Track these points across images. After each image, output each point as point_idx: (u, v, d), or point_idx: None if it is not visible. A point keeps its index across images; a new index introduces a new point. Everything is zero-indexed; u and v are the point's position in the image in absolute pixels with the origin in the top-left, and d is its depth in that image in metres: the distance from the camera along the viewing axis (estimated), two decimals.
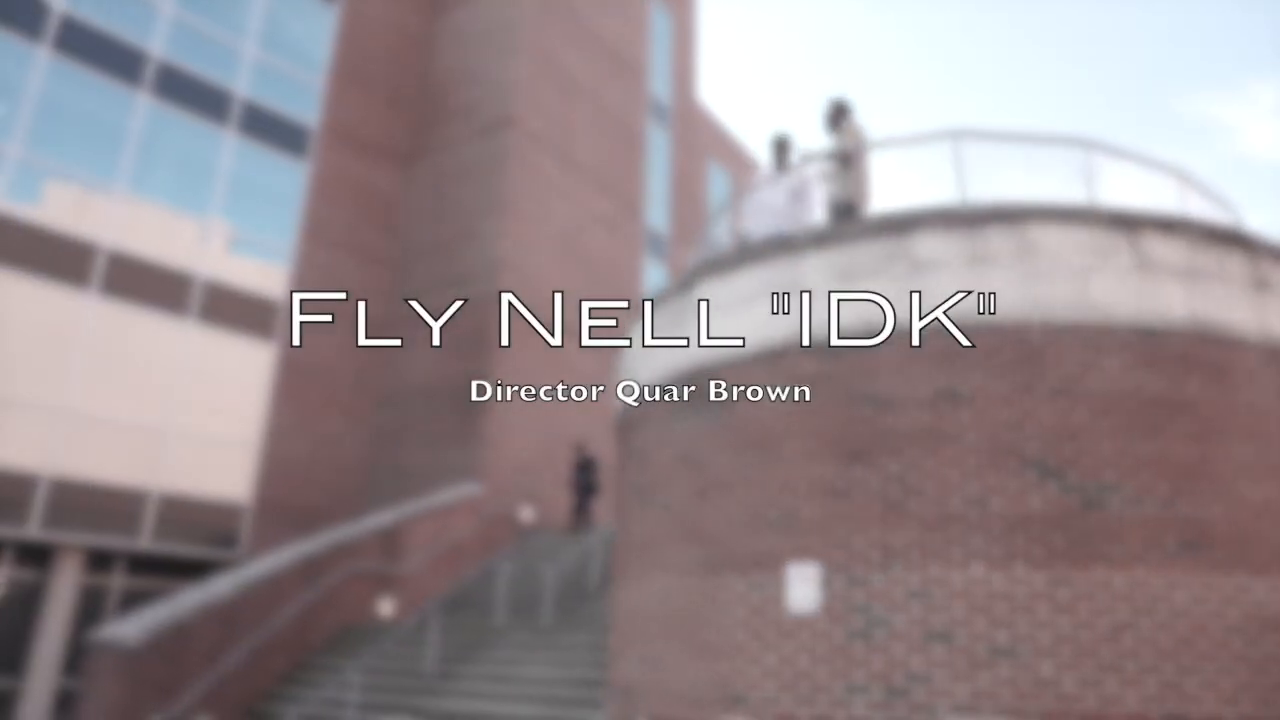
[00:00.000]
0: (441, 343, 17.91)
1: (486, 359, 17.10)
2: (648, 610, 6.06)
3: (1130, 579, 4.73)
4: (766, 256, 5.94)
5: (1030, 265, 5.29)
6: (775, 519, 5.35)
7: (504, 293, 17.42)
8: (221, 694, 10.99)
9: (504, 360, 17.17)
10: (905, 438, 5.12)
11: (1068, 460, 4.91)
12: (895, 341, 5.32)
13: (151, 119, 16.09)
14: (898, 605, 4.87)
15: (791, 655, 5.06)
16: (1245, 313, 5.47)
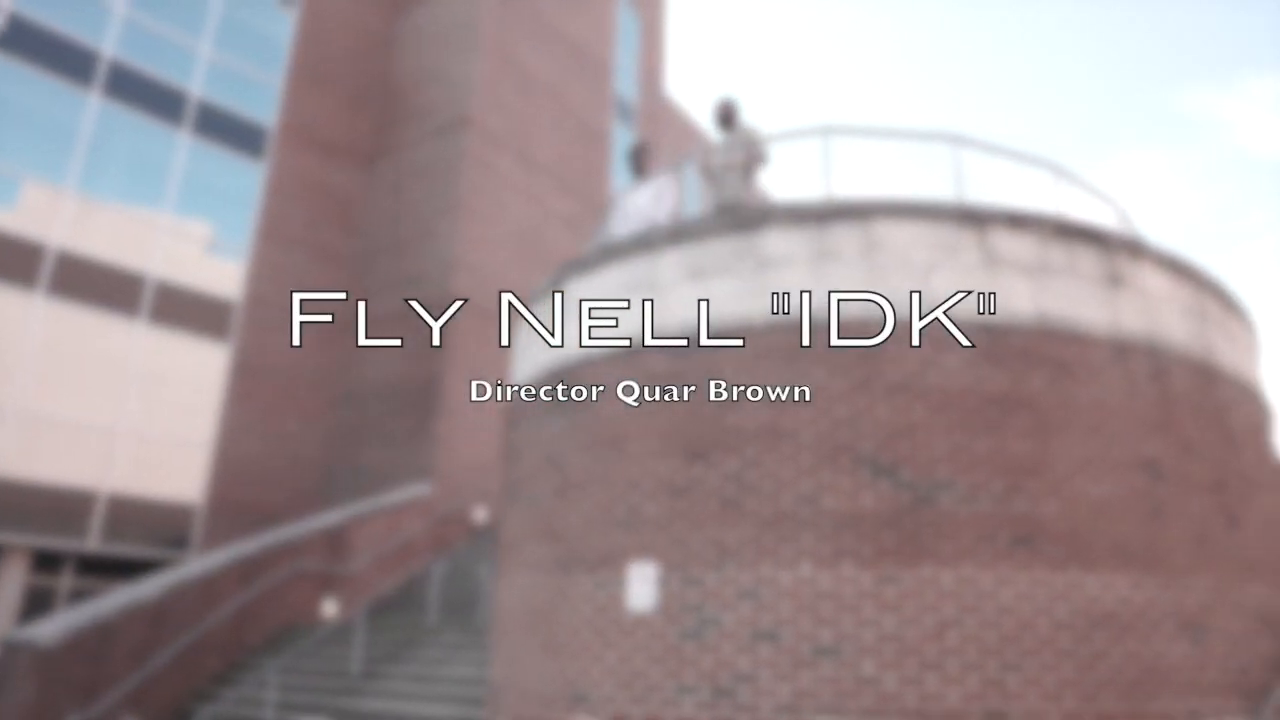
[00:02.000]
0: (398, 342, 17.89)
1: (442, 359, 17.08)
2: (512, 608, 6.05)
3: (959, 576, 4.70)
4: (627, 254, 5.91)
5: (875, 262, 5.27)
6: (621, 518, 5.33)
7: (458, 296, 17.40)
8: (149, 694, 10.98)
9: (459, 360, 17.15)
10: (745, 436, 5.10)
11: (902, 457, 4.89)
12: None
13: (103, 119, 16.08)
14: (728, 605, 4.84)
15: (629, 654, 5.04)
16: (1096, 308, 5.44)
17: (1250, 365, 6.58)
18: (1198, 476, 5.41)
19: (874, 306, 5.16)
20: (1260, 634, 5.35)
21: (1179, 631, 4.94)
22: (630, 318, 5.74)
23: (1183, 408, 5.52)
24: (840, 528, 4.80)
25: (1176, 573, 5.06)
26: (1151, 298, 5.71)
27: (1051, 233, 5.50)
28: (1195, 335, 5.88)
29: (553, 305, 6.45)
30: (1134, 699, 4.69)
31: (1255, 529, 5.69)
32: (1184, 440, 5.43)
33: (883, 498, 4.83)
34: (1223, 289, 6.39)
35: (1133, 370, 5.39)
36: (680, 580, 5.00)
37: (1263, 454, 6.20)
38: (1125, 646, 4.76)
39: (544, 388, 6.27)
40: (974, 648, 4.59)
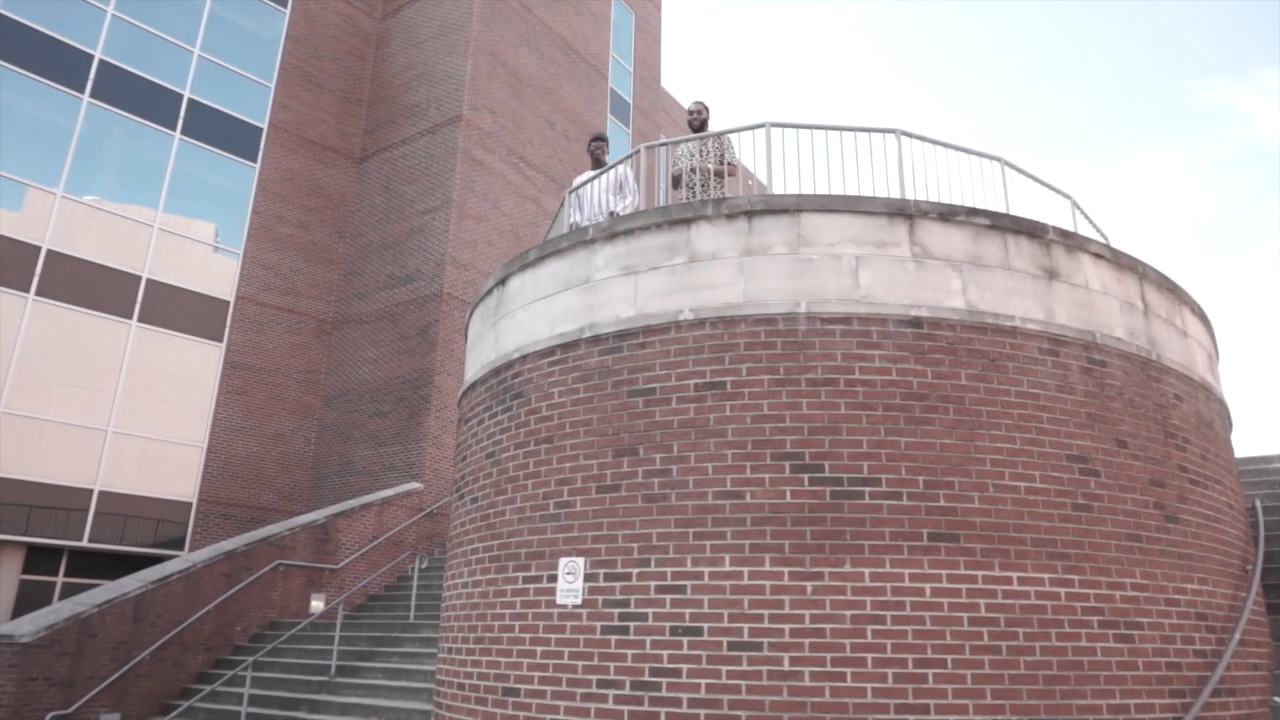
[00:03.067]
0: (387, 341, 17.99)
1: (432, 357, 17.16)
2: (454, 604, 6.09)
3: (878, 572, 4.69)
4: (564, 251, 5.93)
5: (804, 256, 5.26)
6: (553, 513, 5.36)
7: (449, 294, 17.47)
8: (131, 690, 11.11)
9: (449, 358, 17.23)
10: (671, 432, 5.11)
11: (825, 453, 4.88)
12: (670, 334, 5.30)
13: (94, 120, 16.25)
14: (652, 600, 4.86)
15: (557, 649, 5.06)
16: (1029, 302, 5.41)
17: (1201, 361, 6.52)
18: (1133, 472, 5.37)
19: (800, 301, 5.16)
20: (1196, 630, 5.31)
21: (1106, 628, 4.91)
22: (566, 314, 5.76)
23: (1119, 402, 5.49)
24: (761, 523, 4.80)
25: (1106, 569, 5.03)
26: (1090, 291, 5.67)
27: (985, 226, 5.47)
28: (1137, 330, 5.83)
29: (496, 301, 6.48)
30: (1056, 695, 4.67)
31: (1196, 526, 5.64)
32: (1119, 435, 5.40)
33: (804, 494, 4.82)
34: (1171, 284, 6.33)
35: (1066, 364, 5.36)
36: (606, 575, 5.02)
37: (1210, 450, 6.15)
38: (1048, 643, 4.74)
39: (487, 384, 6.30)
40: (892, 643, 4.58)
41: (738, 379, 5.08)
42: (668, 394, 5.18)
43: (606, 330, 5.50)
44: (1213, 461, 6.13)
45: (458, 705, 5.63)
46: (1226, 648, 5.37)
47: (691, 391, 5.13)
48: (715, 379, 5.11)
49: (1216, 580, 5.66)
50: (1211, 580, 5.61)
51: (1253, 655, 5.80)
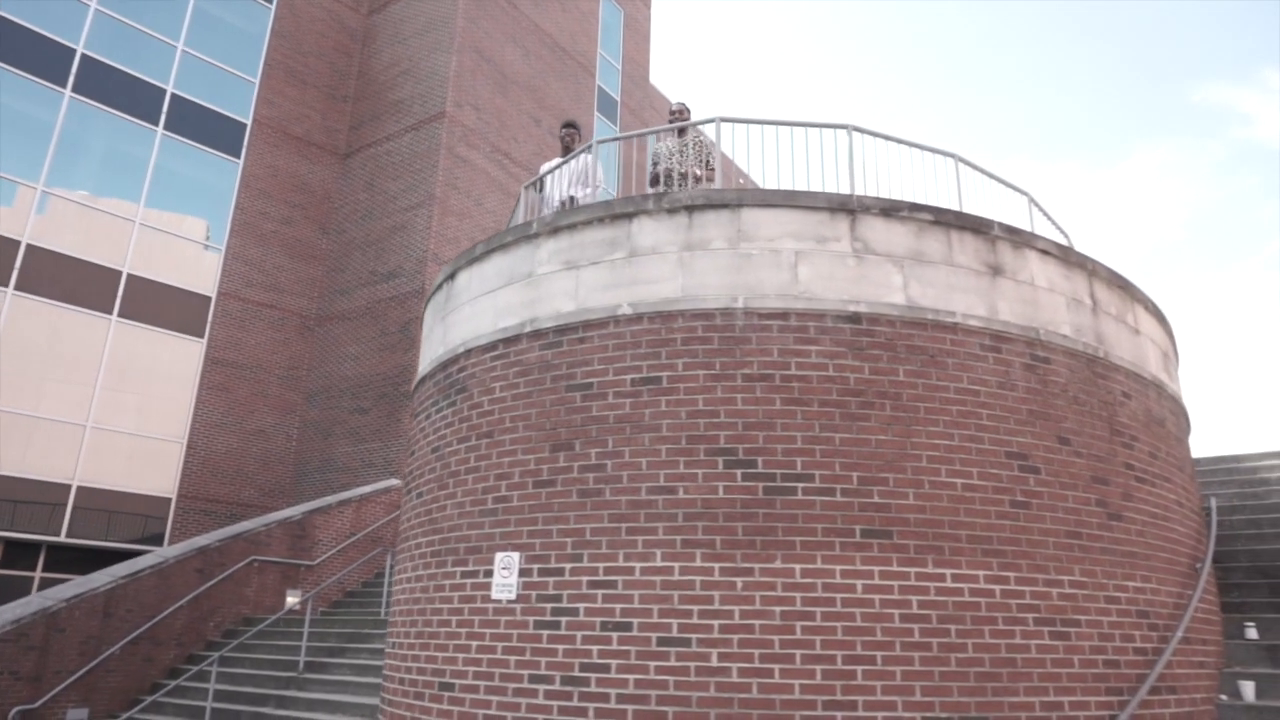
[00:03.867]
0: (369, 338, 17.97)
1: (413, 354, 17.13)
2: (400, 599, 6.07)
3: (809, 568, 4.67)
4: (509, 245, 5.91)
5: (743, 251, 5.24)
6: (490, 508, 5.33)
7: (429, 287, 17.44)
8: (100, 685, 11.08)
9: None
10: (607, 427, 5.08)
11: (759, 448, 4.86)
12: (609, 329, 5.28)
13: (75, 115, 16.22)
14: (584, 595, 4.83)
15: (491, 644, 5.04)
16: (972, 298, 5.38)
17: (1154, 359, 6.50)
18: (1075, 470, 5.35)
19: (738, 297, 5.13)
20: (1136, 627, 5.29)
21: (1042, 625, 4.89)
22: (510, 308, 5.74)
23: (1063, 399, 5.46)
24: (693, 519, 4.78)
25: (1043, 566, 5.00)
26: (1036, 288, 5.65)
27: (929, 222, 5.44)
28: (1084, 327, 5.81)
29: (445, 296, 6.46)
30: (988, 692, 4.64)
31: (1141, 523, 5.62)
32: (1061, 432, 5.37)
33: (737, 489, 4.80)
34: (1123, 281, 6.31)
35: (1008, 361, 5.34)
36: (540, 571, 5.00)
37: (1160, 448, 6.12)
38: (981, 640, 4.72)
39: (435, 379, 6.28)
40: (821, 640, 4.56)
41: (674, 374, 5.05)
42: (605, 389, 5.16)
43: (547, 325, 5.47)
44: (1162, 459, 6.10)
45: (399, 700, 5.61)
46: (1168, 645, 5.34)
47: (628, 386, 5.11)
48: (652, 374, 5.09)
49: (1161, 578, 5.64)
50: (1156, 578, 5.58)
51: (1199, 653, 5.78)
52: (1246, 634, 6.45)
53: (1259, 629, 6.51)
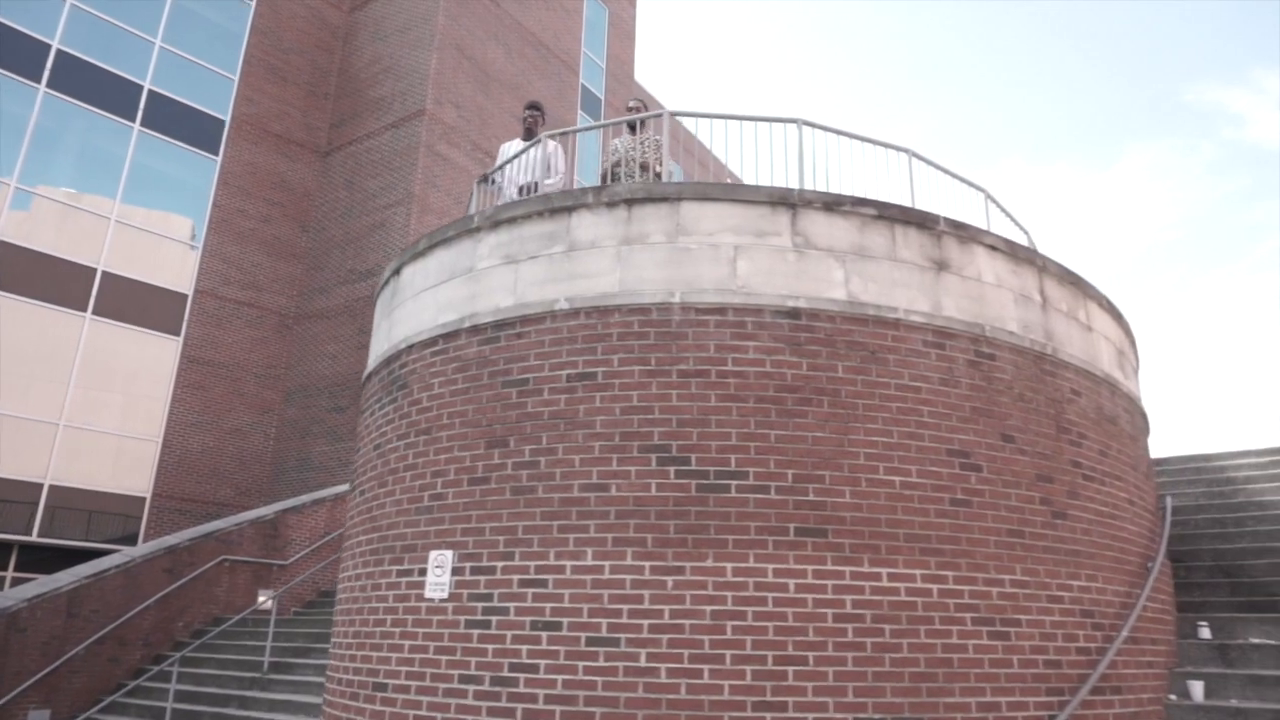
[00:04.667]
0: (347, 336, 17.88)
1: None
2: (342, 598, 5.99)
3: (742, 567, 4.60)
4: (452, 239, 5.83)
5: (681, 245, 5.17)
6: (426, 506, 5.26)
7: None
8: (63, 686, 10.97)
9: None
10: (542, 423, 5.01)
11: (693, 445, 4.79)
12: (546, 324, 5.20)
13: (50, 110, 16.10)
14: (514, 594, 4.76)
15: (423, 644, 4.96)
16: (915, 293, 5.32)
17: (1107, 356, 6.44)
18: (1019, 468, 5.29)
19: (675, 291, 5.06)
20: (1080, 627, 5.23)
21: (980, 624, 4.82)
22: (450, 304, 5.66)
23: (1008, 397, 5.40)
24: (625, 517, 4.70)
25: (983, 565, 4.94)
26: (982, 284, 5.58)
27: (872, 217, 5.38)
28: (1032, 323, 5.74)
29: (392, 291, 6.38)
30: (923, 693, 4.57)
31: (1087, 522, 5.55)
32: (1006, 430, 5.31)
33: (669, 486, 4.73)
34: (1075, 277, 6.25)
35: (952, 357, 5.27)
36: (473, 569, 4.92)
37: (1111, 446, 6.06)
38: (917, 640, 4.65)
39: (379, 375, 6.20)
40: (752, 640, 4.49)
41: (609, 370, 4.98)
42: (540, 385, 5.08)
43: (486, 320, 5.39)
44: (1113, 457, 6.04)
45: (336, 701, 5.53)
46: (1112, 645, 5.28)
47: (563, 382, 5.04)
48: (587, 370, 5.01)
49: (1109, 577, 5.58)
50: (1102, 577, 5.52)
51: (1147, 653, 5.72)
52: (1200, 633, 6.39)
53: (1212, 628, 6.45)
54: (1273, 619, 6.33)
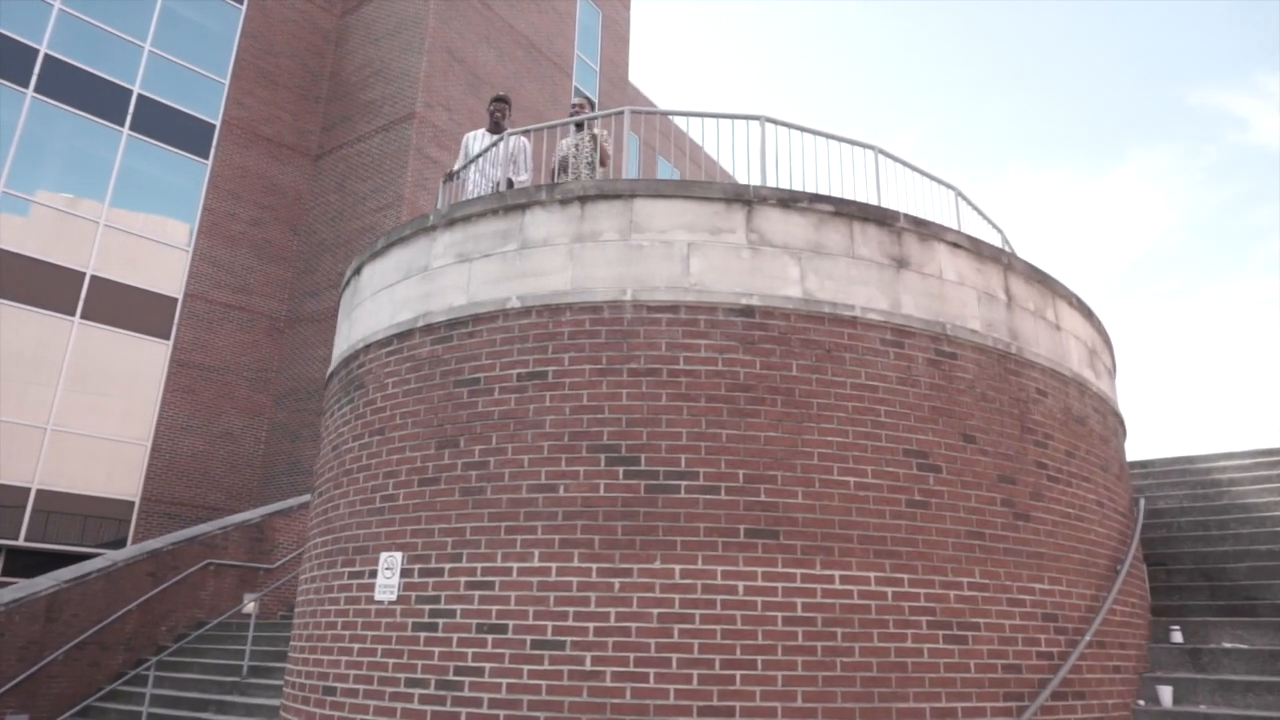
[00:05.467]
0: None
1: None
2: (300, 601, 5.92)
3: (690, 569, 4.52)
4: (408, 238, 5.77)
5: (634, 243, 5.10)
6: (378, 507, 5.19)
7: None
8: (42, 691, 10.93)
9: None
10: (492, 422, 4.94)
11: (642, 445, 4.71)
12: (498, 322, 5.14)
13: (38, 115, 16.11)
14: (461, 596, 4.69)
15: (372, 646, 4.89)
16: (873, 291, 5.24)
17: (1076, 355, 6.35)
18: (980, 468, 5.20)
19: (626, 289, 4.99)
20: (1042, 631, 5.13)
21: (936, 628, 4.73)
22: (406, 302, 5.60)
23: (969, 396, 5.31)
24: (573, 518, 4.63)
25: (940, 568, 4.85)
26: (944, 281, 5.50)
27: (829, 213, 5.30)
28: (996, 322, 5.66)
29: (352, 291, 6.32)
30: (875, 699, 4.49)
31: (1051, 524, 5.46)
32: (966, 430, 5.22)
33: (619, 487, 4.65)
34: (1042, 275, 6.16)
35: (911, 356, 5.19)
36: (421, 571, 4.85)
37: (1079, 446, 5.97)
38: (869, 644, 4.56)
39: (339, 376, 6.14)
40: (699, 644, 4.41)
41: (560, 368, 4.91)
42: (491, 384, 5.01)
43: (439, 319, 5.33)
44: (1081, 458, 5.95)
45: (291, 705, 5.47)
46: (1075, 649, 5.19)
47: (514, 381, 4.97)
48: (538, 368, 4.94)
49: (1073, 580, 5.48)
50: (1067, 580, 5.43)
51: (1114, 658, 5.62)
52: (1172, 637, 6.29)
53: (1185, 632, 6.35)
54: (1247, 623, 6.23)
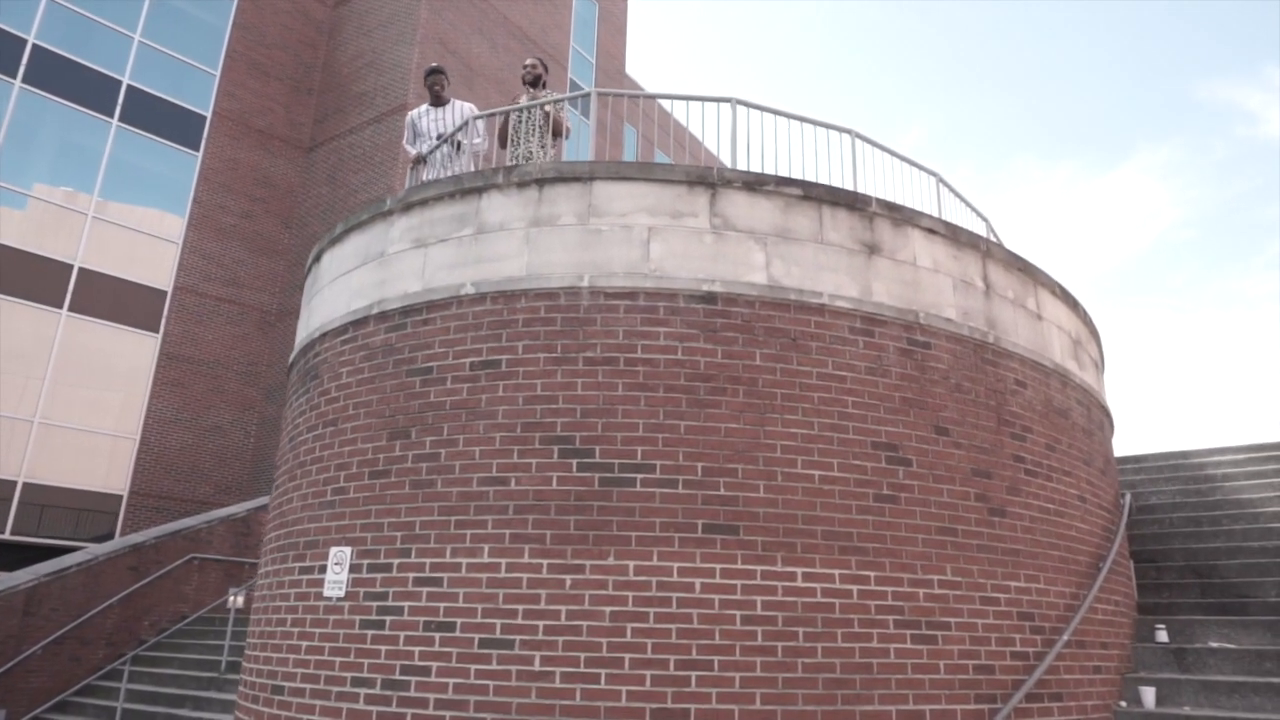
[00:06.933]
0: None
1: None
2: (255, 598, 5.76)
3: (644, 566, 4.34)
4: (365, 223, 5.60)
5: (593, 227, 4.91)
6: (329, 500, 5.02)
7: None
8: (20, 686, 10.81)
9: None
10: (444, 413, 4.76)
11: (596, 437, 4.53)
12: (452, 310, 4.96)
13: (26, 106, 15.98)
14: (409, 592, 4.52)
15: (319, 644, 4.72)
16: (843, 278, 5.04)
17: (1059, 346, 6.15)
18: (953, 462, 5.01)
19: (584, 275, 4.81)
20: (1017, 630, 4.94)
21: (904, 628, 4.55)
22: (361, 290, 5.42)
23: (943, 387, 5.12)
24: (524, 512, 4.45)
25: (909, 565, 4.66)
26: (918, 268, 5.30)
27: (797, 197, 5.11)
28: (973, 310, 5.46)
29: (313, 279, 6.15)
30: (838, 701, 4.31)
31: (1029, 519, 5.27)
32: (939, 422, 5.03)
33: (571, 480, 4.47)
34: (1023, 263, 5.96)
35: (882, 345, 5.00)
36: (370, 566, 4.68)
37: (1060, 440, 5.77)
38: (833, 644, 4.38)
39: (297, 366, 5.98)
40: (653, 643, 4.23)
41: (513, 357, 4.73)
42: (444, 373, 4.84)
43: (394, 306, 5.16)
44: (1062, 452, 5.75)
45: (243, 704, 5.31)
46: (1052, 649, 4.99)
47: (467, 370, 4.79)
48: (491, 357, 4.77)
49: (1052, 577, 5.29)
50: (1045, 577, 5.24)
51: (1095, 658, 5.43)
52: (1157, 636, 6.09)
53: (1170, 631, 6.15)
54: (1234, 621, 6.02)
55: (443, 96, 6.95)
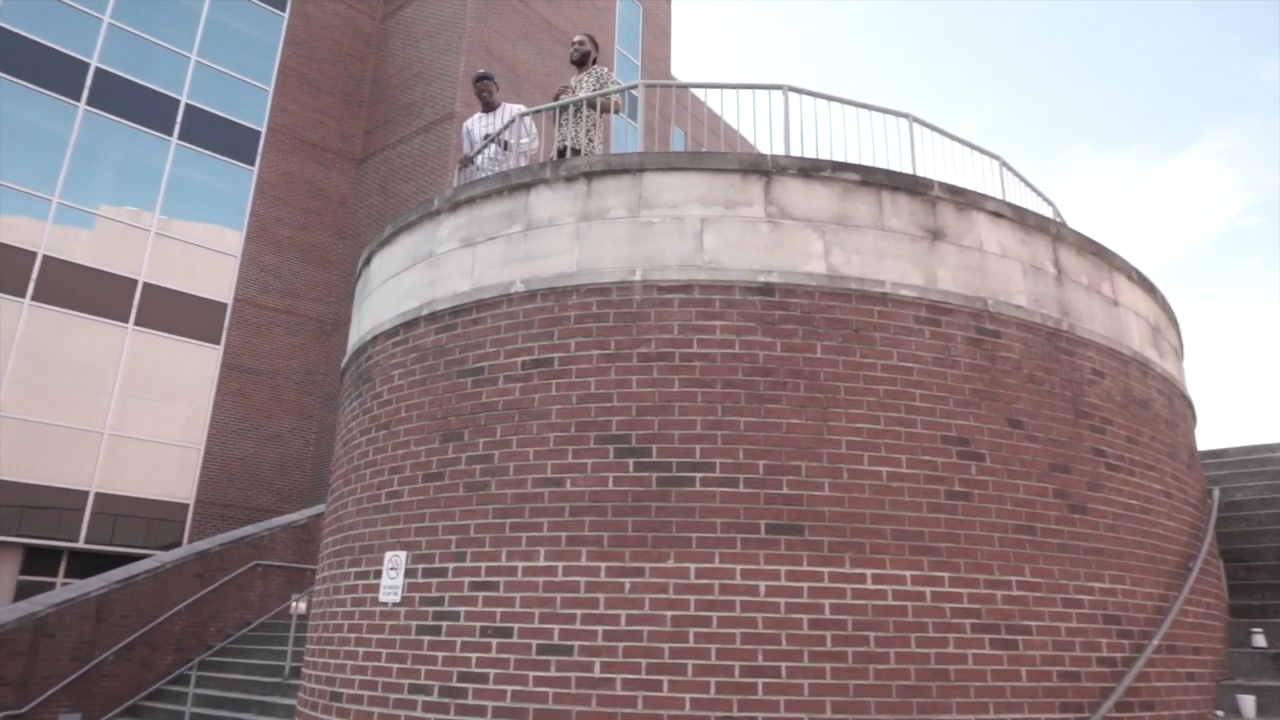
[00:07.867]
0: None
1: None
2: (313, 603, 5.74)
3: (706, 568, 4.17)
4: (413, 224, 5.55)
5: (644, 219, 4.77)
6: (384, 504, 4.96)
7: None
8: (93, 690, 11.07)
9: None
10: (496, 414, 4.67)
11: (654, 435, 4.38)
12: (502, 308, 4.86)
13: (90, 127, 16.48)
14: (465, 597, 4.42)
15: (376, 650, 4.66)
16: (906, 266, 4.82)
17: (1137, 333, 5.81)
18: (1029, 456, 4.74)
19: (636, 269, 4.67)
20: (1103, 634, 4.65)
21: (982, 632, 4.30)
22: (411, 291, 5.37)
23: (1015, 378, 4.85)
24: (580, 513, 4.33)
25: (985, 565, 4.42)
26: (984, 254, 5.05)
27: (855, 183, 4.90)
28: (1045, 297, 5.18)
29: (363, 282, 6.13)
30: (913, 710, 4.08)
31: (1112, 516, 4.97)
32: (1013, 415, 4.77)
33: (628, 480, 4.33)
34: (1097, 247, 5.65)
35: (949, 335, 4.76)
36: (425, 571, 4.61)
37: (1142, 432, 5.45)
38: (906, 649, 4.16)
39: (349, 370, 5.96)
40: (717, 649, 4.06)
41: (565, 355, 4.61)
42: (495, 373, 4.74)
43: (444, 307, 5.08)
44: (1145, 445, 5.42)
45: (302, 711, 5.28)
46: (1141, 654, 4.69)
47: (519, 370, 4.69)
48: (543, 355, 4.66)
49: (1138, 578, 4.98)
50: (1131, 578, 4.93)
51: (1187, 663, 5.09)
52: (1254, 641, 5.71)
53: (1268, 636, 5.76)
54: None
55: (492, 102, 6.90)
